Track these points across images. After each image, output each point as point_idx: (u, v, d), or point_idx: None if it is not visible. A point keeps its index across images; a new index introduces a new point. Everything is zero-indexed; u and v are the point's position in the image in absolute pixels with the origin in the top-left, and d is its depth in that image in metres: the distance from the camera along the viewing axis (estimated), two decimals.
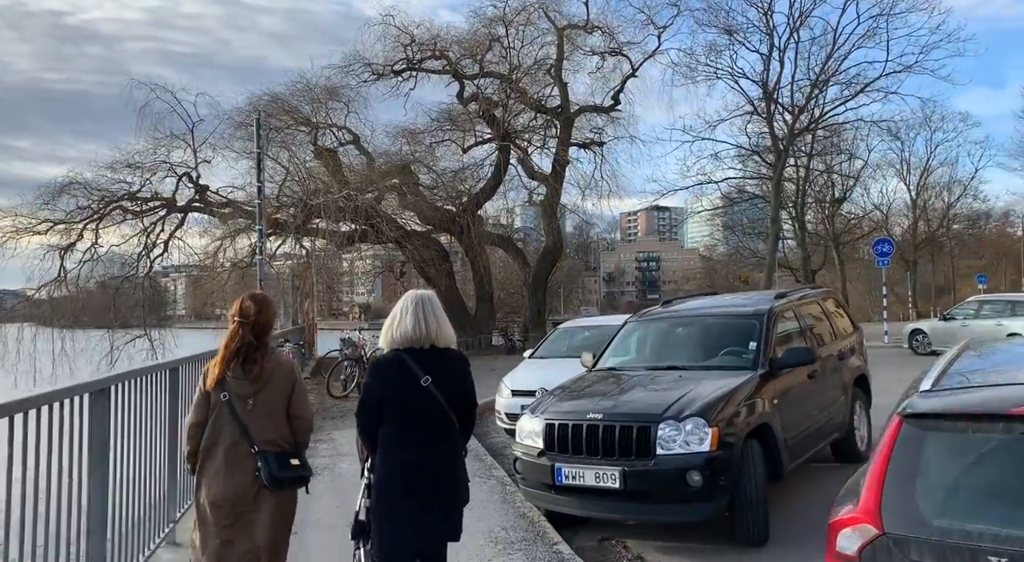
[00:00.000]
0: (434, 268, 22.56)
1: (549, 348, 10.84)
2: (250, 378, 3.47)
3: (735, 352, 6.51)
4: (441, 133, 25.80)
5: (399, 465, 3.27)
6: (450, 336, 3.47)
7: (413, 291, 3.58)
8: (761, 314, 6.56)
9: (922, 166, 47.39)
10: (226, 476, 3.42)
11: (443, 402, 3.30)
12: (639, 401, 5.82)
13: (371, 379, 3.45)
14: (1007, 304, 18.64)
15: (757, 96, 28.46)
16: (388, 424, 3.31)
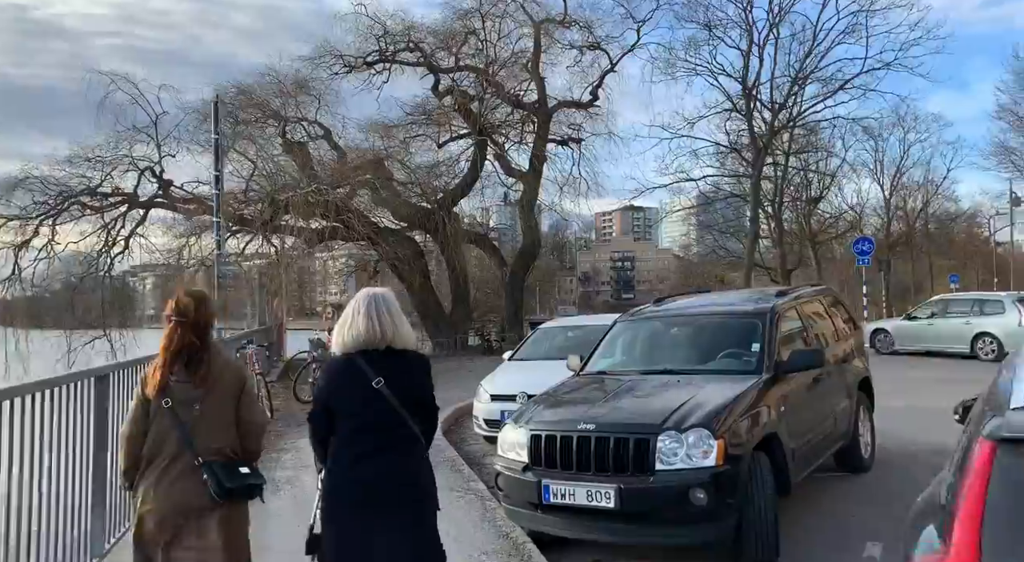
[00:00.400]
0: (408, 266, 21.84)
1: (530, 349, 10.26)
2: (195, 382, 3.20)
3: (736, 354, 5.99)
4: (415, 128, 25.10)
5: (349, 476, 3.07)
6: (408, 337, 3.23)
7: (366, 289, 3.34)
8: (763, 313, 6.03)
9: (895, 166, 47.65)
10: (169, 490, 3.12)
11: (398, 406, 3.07)
12: (635, 409, 5.26)
13: (321, 384, 3.27)
14: (975, 303, 18.32)
15: (736, 93, 28.20)
16: (339, 432, 3.11)
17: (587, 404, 5.47)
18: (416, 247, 23.68)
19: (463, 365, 19.43)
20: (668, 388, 5.54)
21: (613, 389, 5.67)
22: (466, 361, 20.51)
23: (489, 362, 19.54)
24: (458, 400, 12.52)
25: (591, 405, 5.40)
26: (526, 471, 5.20)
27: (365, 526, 3.00)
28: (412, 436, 3.13)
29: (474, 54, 25.22)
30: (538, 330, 10.65)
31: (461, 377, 16.45)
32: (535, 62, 25.73)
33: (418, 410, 3.17)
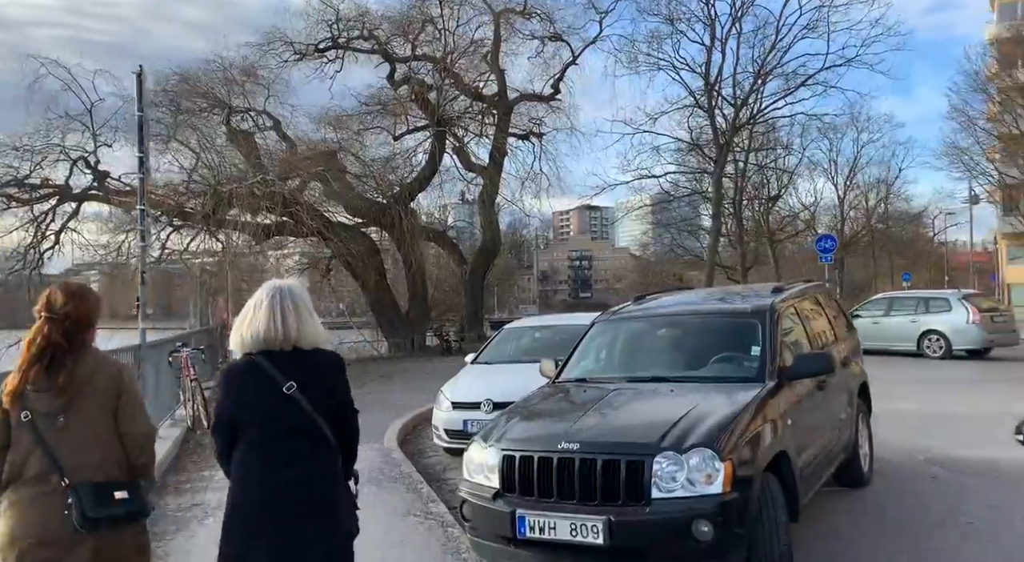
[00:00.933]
0: (362, 263, 20.78)
1: (495, 352, 9.46)
2: (55, 389, 2.76)
3: (733, 359, 5.29)
4: (370, 119, 24.03)
5: (249, 497, 2.73)
6: (317, 335, 2.86)
7: (271, 281, 2.98)
8: (762, 312, 5.34)
9: (849, 166, 48.28)
10: (27, 517, 2.70)
11: (311, 413, 2.75)
12: (625, 425, 4.51)
13: (222, 392, 2.89)
14: (920, 301, 18.28)
15: (699, 89, 27.83)
16: (244, 445, 2.78)
17: (568, 418, 4.69)
18: (371, 243, 22.65)
19: (421, 367, 18.53)
20: (660, 399, 4.81)
21: (596, 400, 4.90)
22: (424, 363, 19.60)
23: (449, 364, 18.69)
24: (416, 406, 11.67)
25: (572, 419, 4.62)
26: (497, 499, 4.41)
27: (269, 550, 2.66)
28: (328, 448, 2.80)
29: (431, 41, 24.29)
30: (503, 330, 9.86)
31: (419, 380, 15.60)
32: (495, 53, 24.94)
33: (334, 417, 2.83)
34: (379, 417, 10.86)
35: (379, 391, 13.95)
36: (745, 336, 5.33)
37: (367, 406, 11.39)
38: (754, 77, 27.08)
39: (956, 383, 13.35)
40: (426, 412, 11.14)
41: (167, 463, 8.01)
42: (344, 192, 22.03)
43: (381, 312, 22.91)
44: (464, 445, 8.48)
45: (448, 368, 17.88)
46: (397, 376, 16.63)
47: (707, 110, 27.51)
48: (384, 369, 18.42)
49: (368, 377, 16.51)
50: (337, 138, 23.47)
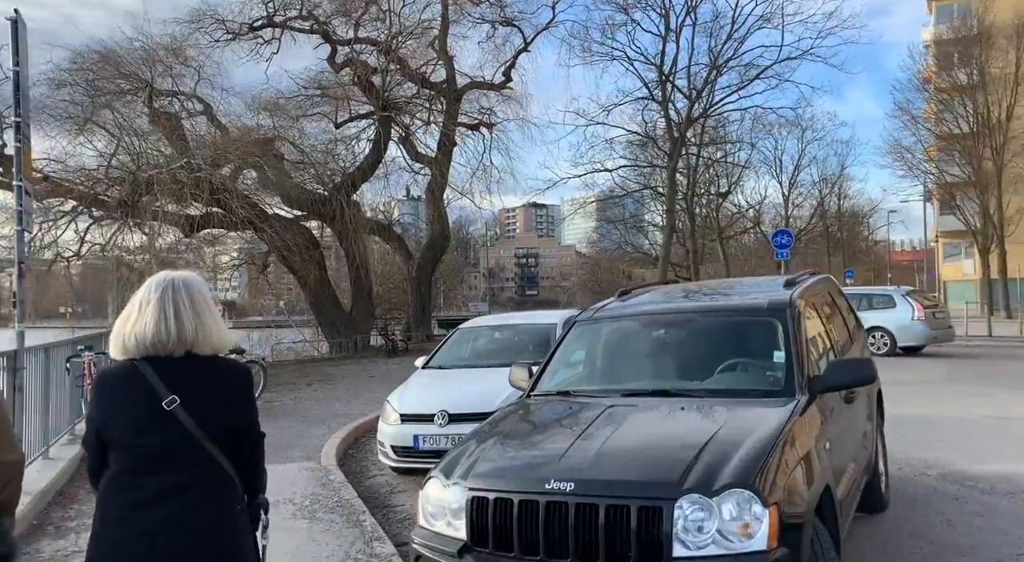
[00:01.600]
0: (300, 257, 19.31)
1: (449, 355, 8.35)
2: None
3: (750, 367, 4.32)
4: (309, 104, 22.53)
5: (118, 536, 2.16)
6: (219, 339, 2.29)
7: (162, 273, 2.39)
8: (781, 308, 4.38)
9: (794, 164, 48.74)
10: None
11: (199, 436, 2.18)
12: (632, 456, 3.46)
13: (91, 402, 2.35)
14: (863, 298, 18.06)
15: (652, 80, 27.15)
16: (111, 471, 2.23)
17: (554, 446, 3.62)
18: (310, 236, 21.18)
19: (364, 369, 17.26)
20: (670, 420, 3.80)
21: (588, 421, 3.83)
22: (368, 365, 18.31)
23: (395, 367, 17.51)
24: (359, 415, 10.49)
25: (561, 448, 3.54)
26: (464, 555, 3.34)
27: None
28: (217, 479, 2.25)
29: (375, 22, 22.89)
30: (457, 330, 8.75)
31: (362, 384, 14.39)
32: (443, 37, 23.74)
33: (231, 441, 2.28)
34: (316, 429, 9.65)
35: (317, 398, 12.66)
36: (763, 338, 4.36)
37: (303, 415, 9.96)
38: (709, 68, 26.57)
39: (928, 384, 12.82)
40: (370, 422, 9.96)
41: (52, 493, 6.65)
42: (281, 181, 20.53)
43: (321, 310, 21.48)
44: (414, 464, 7.39)
45: (394, 371, 16.73)
46: (338, 380, 15.32)
47: (661, 102, 26.87)
48: (324, 372, 17.08)
49: (306, 381, 15.20)
50: (274, 125, 21.91)
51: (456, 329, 8.72)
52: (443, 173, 24.29)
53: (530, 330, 8.29)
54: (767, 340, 4.35)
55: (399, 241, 25.73)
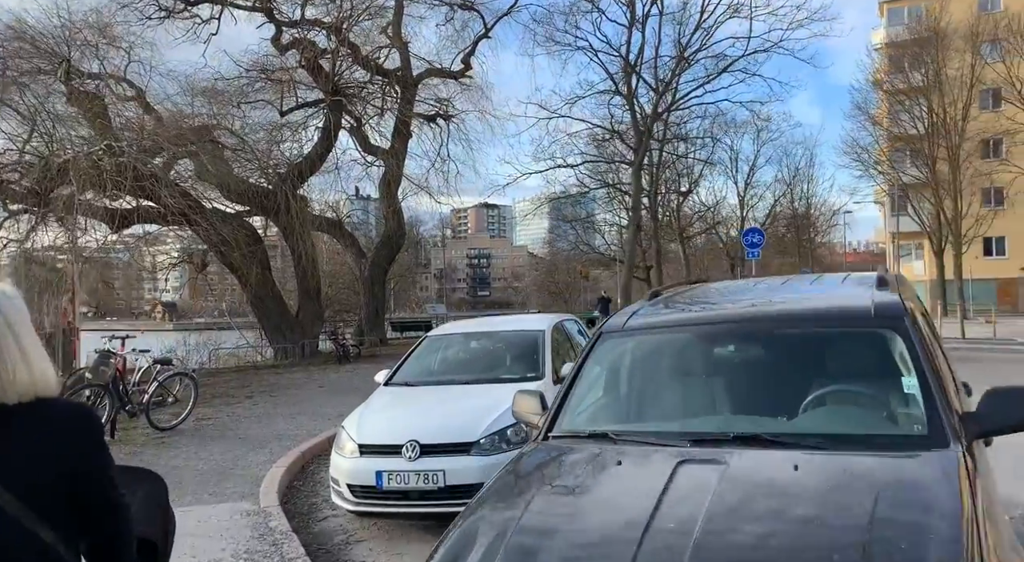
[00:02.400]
0: (241, 254, 17.54)
1: (416, 368, 6.97)
2: None
3: (863, 399, 3.09)
4: (252, 91, 20.77)
5: None
6: (39, 380, 1.63)
7: None
8: (896, 315, 3.16)
9: (749, 164, 48.65)
10: None
11: (18, 509, 1.55)
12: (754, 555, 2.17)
13: None
14: None
15: (618, 72, 26.07)
16: None
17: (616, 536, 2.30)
18: (251, 231, 19.41)
19: (312, 378, 15.68)
20: (794, 489, 2.52)
21: (654, 486, 2.51)
22: (316, 373, 16.70)
23: (347, 375, 16.01)
24: (306, 436, 9.03)
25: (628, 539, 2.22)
26: None
27: None
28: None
29: (324, 3, 21.25)
30: (426, 339, 7.37)
31: (310, 397, 12.85)
32: (397, 20, 22.26)
33: (72, 509, 1.60)
34: (256, 454, 8.16)
35: (258, 413, 11.10)
36: (875, 357, 3.16)
37: (240, 436, 8.35)
38: (676, 60, 25.58)
39: None
40: (321, 445, 8.54)
41: None
42: (220, 173, 18.73)
43: (265, 312, 19.74)
44: (378, 507, 6.02)
45: (346, 380, 15.24)
46: (283, 391, 13.73)
47: (626, 96, 25.83)
48: (267, 381, 15.44)
49: (246, 392, 13.56)
50: (213, 111, 20.11)
51: (424, 336, 7.33)
52: (398, 166, 22.82)
53: (513, 338, 6.99)
54: (881, 360, 3.15)
55: (351, 238, 24.09)
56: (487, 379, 6.40)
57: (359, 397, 12.76)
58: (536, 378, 6.31)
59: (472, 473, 5.29)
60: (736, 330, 3.44)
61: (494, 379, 6.42)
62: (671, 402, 3.34)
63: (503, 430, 5.48)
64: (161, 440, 9.08)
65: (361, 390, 13.30)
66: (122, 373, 9.67)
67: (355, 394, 12.77)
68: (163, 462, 7.86)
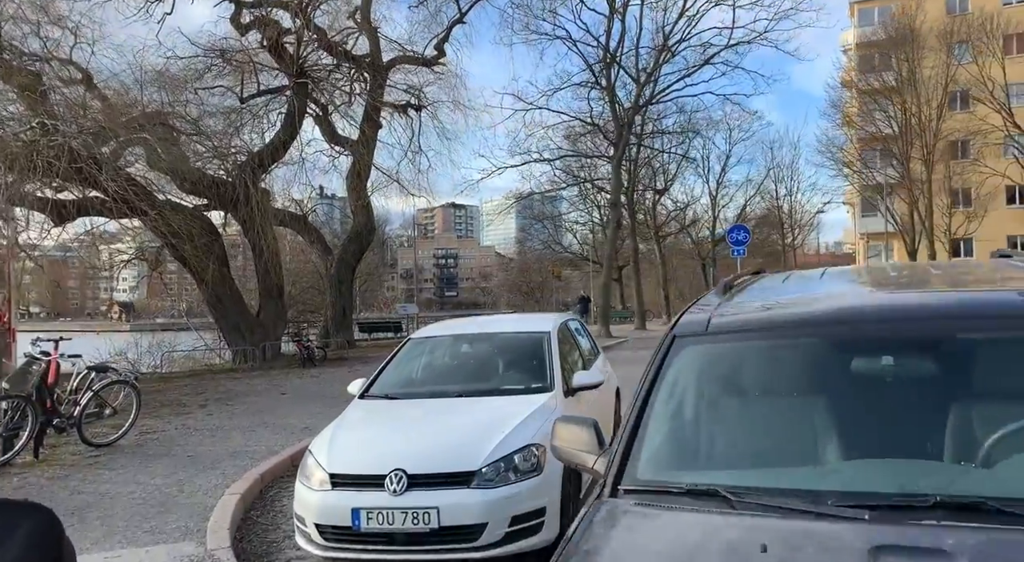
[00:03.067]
0: (196, 250, 16.10)
1: (398, 377, 5.84)
2: None
3: None
4: (210, 74, 19.36)
5: None
6: None
7: None
8: None
9: (720, 164, 48.26)
10: None
11: None
12: None
13: None
14: None
15: (598, 62, 25.08)
16: None
17: None
18: (209, 225, 18.02)
19: (274, 384, 14.40)
20: None
21: None
22: (279, 378, 15.40)
23: (312, 381, 14.75)
24: (265, 453, 7.84)
25: None
26: None
27: None
28: None
29: None
30: (409, 341, 6.24)
31: (271, 405, 11.56)
32: (366, 6, 21.02)
33: None
34: (206, 477, 6.96)
35: (212, 425, 9.85)
36: None
37: (189, 454, 6.65)
38: (659, 50, 24.65)
39: None
40: (283, 465, 7.38)
41: None
42: (175, 160, 17.29)
43: (223, 312, 18.34)
44: (354, 553, 4.86)
45: (310, 386, 13.99)
46: (241, 399, 12.46)
47: (606, 88, 24.85)
48: (224, 388, 14.13)
49: (200, 400, 12.26)
50: (167, 97, 18.68)
51: (406, 339, 6.20)
52: (367, 157, 21.58)
53: (513, 342, 5.93)
54: None
55: (316, 234, 22.74)
56: (485, 391, 5.34)
57: (326, 405, 11.58)
58: (543, 389, 5.27)
59: (473, 511, 4.23)
60: (895, 332, 2.36)
61: (493, 390, 5.36)
62: (801, 439, 2.29)
63: (510, 456, 4.42)
64: (95, 459, 7.81)
65: (328, 398, 12.11)
66: (52, 381, 8.36)
67: (321, 402, 11.58)
68: (92, 487, 6.64)
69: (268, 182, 20.29)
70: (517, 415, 4.76)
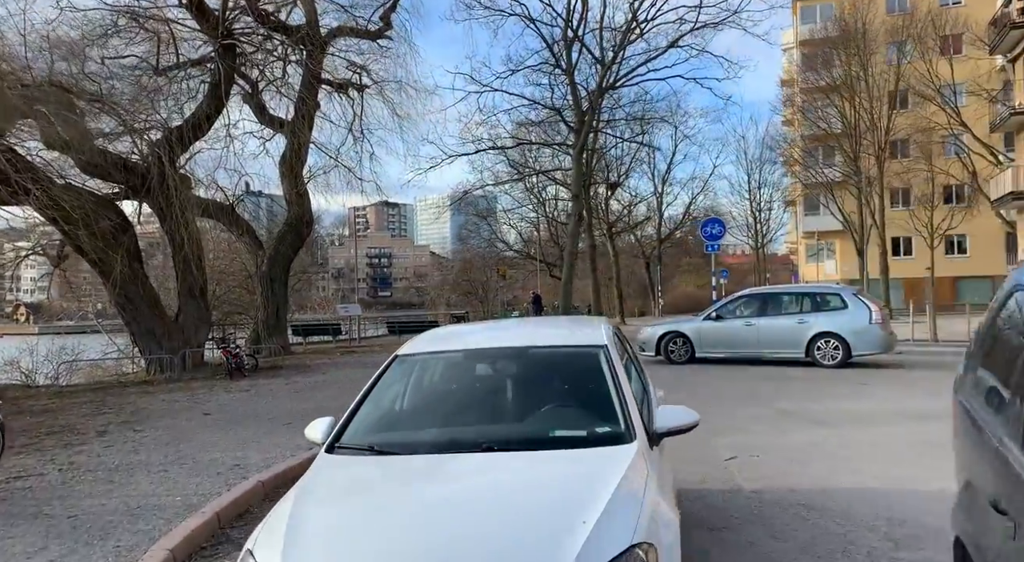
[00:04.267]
0: (93, 235, 13.45)
1: (383, 415, 3.80)
2: None
3: None
4: (117, 39, 16.67)
5: None
6: None
7: None
8: None
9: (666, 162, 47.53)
10: None
11: None
12: None
13: None
14: (804, 298, 15.24)
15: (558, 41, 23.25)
16: None
17: None
18: (117, 213, 15.35)
19: (195, 401, 11.98)
20: None
21: None
22: (201, 393, 12.95)
23: (241, 396, 12.18)
24: (182, 508, 5.65)
25: None
26: None
27: None
28: None
29: None
30: (396, 361, 4.17)
31: (191, 431, 9.09)
32: None
33: None
34: (89, 552, 4.78)
35: (108, 465, 7.52)
36: None
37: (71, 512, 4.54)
38: (626, 28, 22.97)
39: None
40: (205, 529, 5.26)
41: None
42: (78, 139, 14.59)
43: (134, 314, 15.71)
44: None
45: (239, 404, 11.40)
46: (151, 422, 10.08)
47: (566, 70, 23.08)
48: (133, 406, 11.69)
49: (98, 425, 9.81)
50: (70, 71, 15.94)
51: (393, 357, 4.15)
52: (302, 142, 19.24)
53: (554, 361, 4.01)
54: None
55: (245, 226, 20.15)
56: (525, 440, 3.44)
57: (261, 430, 9.33)
58: (618, 438, 3.38)
59: None
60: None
61: (538, 440, 3.45)
62: None
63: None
64: None
65: (262, 419, 9.90)
66: None
67: (255, 424, 9.39)
68: None
69: (190, 168, 17.74)
70: (594, 488, 2.87)
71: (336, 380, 14.34)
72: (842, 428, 8.30)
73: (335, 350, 22.17)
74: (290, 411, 10.40)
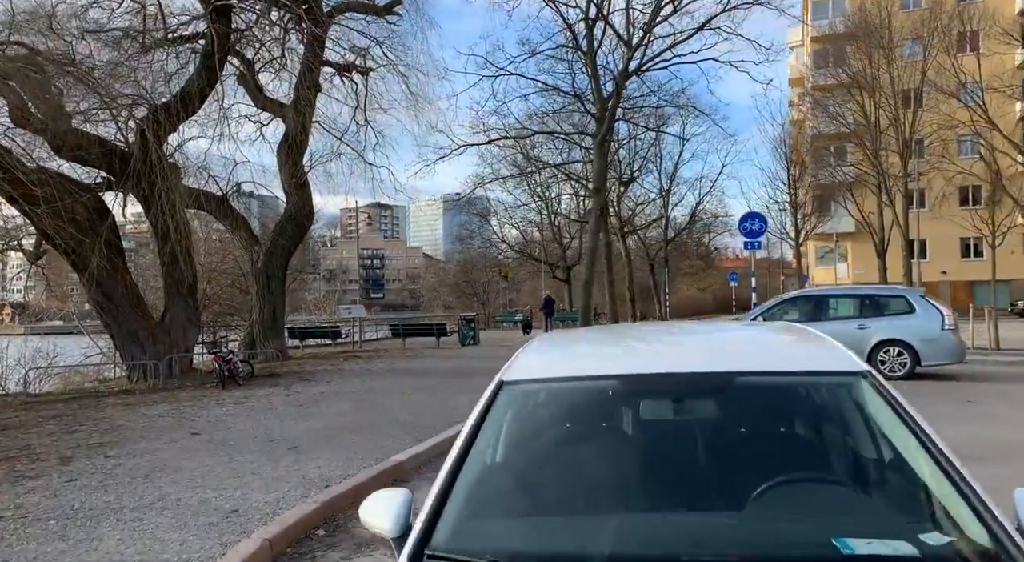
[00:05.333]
0: (57, 215, 11.64)
1: (505, 486, 2.20)
2: None
3: None
4: (97, 8, 14.98)
5: None
6: None
7: None
8: None
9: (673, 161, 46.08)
10: None
11: None
12: None
13: None
14: (866, 301, 13.56)
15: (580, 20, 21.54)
16: None
17: None
18: (95, 201, 13.61)
19: (182, 415, 10.24)
20: None
21: None
22: (188, 406, 11.21)
23: (236, 409, 10.23)
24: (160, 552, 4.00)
25: None
26: None
27: None
28: None
29: None
30: (504, 394, 2.57)
31: (176, 458, 7.17)
32: None
33: None
34: None
35: (65, 509, 5.79)
36: None
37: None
38: (656, 5, 21.24)
39: None
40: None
41: None
42: (56, 119, 12.88)
43: (114, 315, 13.98)
44: None
45: (234, 420, 9.56)
46: (127, 445, 8.36)
47: (587, 53, 21.42)
48: (109, 422, 9.97)
49: (63, 449, 8.07)
50: (47, 45, 14.27)
51: (499, 387, 2.51)
52: (302, 128, 17.59)
53: (782, 399, 2.38)
54: None
55: (240, 219, 18.39)
56: (784, 545, 1.78)
57: (263, 456, 7.53)
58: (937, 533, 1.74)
59: None
60: None
61: (802, 541, 1.79)
62: None
63: None
64: None
65: (263, 440, 8.10)
66: None
67: (253, 448, 7.62)
68: None
69: (179, 157, 16.03)
70: None
71: (344, 391, 12.64)
72: (992, 465, 6.53)
73: (337, 355, 20.47)
74: (294, 430, 8.74)
